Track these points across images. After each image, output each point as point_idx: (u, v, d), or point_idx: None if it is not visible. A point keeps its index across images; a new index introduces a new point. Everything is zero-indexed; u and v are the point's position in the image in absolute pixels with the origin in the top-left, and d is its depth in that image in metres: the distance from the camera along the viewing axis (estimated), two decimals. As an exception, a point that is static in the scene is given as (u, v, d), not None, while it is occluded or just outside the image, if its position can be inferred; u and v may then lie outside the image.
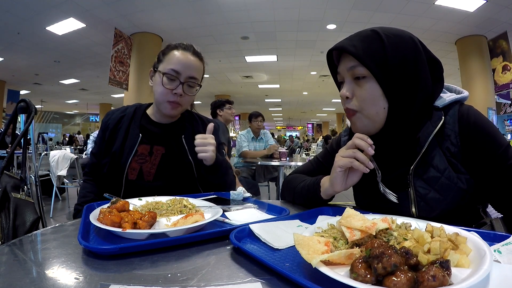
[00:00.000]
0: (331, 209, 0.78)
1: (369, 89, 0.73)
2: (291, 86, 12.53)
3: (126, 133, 1.13)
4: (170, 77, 1.06)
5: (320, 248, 0.45)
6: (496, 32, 6.30)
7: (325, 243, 0.46)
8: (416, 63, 0.72)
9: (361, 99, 0.74)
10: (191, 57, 1.09)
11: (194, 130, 1.20)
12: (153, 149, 1.13)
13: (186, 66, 1.07)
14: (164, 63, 1.09)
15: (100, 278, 0.44)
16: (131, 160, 1.09)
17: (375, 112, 0.74)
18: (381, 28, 0.74)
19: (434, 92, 0.76)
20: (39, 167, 1.76)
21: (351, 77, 0.75)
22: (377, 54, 0.70)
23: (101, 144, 1.16)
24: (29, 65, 8.96)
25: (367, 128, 0.76)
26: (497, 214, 0.75)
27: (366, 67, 0.71)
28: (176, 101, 1.08)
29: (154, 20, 6.15)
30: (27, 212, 0.91)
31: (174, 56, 1.08)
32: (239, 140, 3.97)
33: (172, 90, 1.06)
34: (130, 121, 1.16)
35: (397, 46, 0.71)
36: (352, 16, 5.83)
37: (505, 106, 11.78)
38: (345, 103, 0.77)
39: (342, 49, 0.74)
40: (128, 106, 1.23)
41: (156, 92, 1.09)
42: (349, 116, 0.79)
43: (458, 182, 0.71)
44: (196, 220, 0.64)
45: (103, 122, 1.19)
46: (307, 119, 27.67)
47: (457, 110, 0.74)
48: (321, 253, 0.44)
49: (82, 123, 23.66)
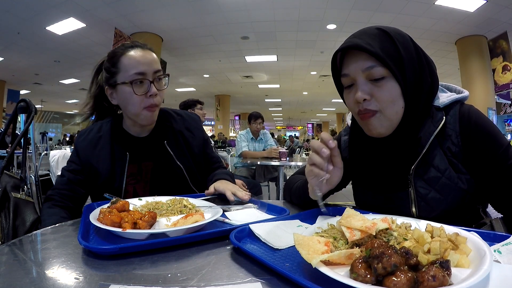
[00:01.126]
0: (331, 209, 0.78)
1: (389, 89, 0.69)
2: (291, 86, 12.53)
3: (112, 155, 1.03)
4: (137, 82, 0.96)
5: (320, 248, 0.45)
6: (496, 32, 6.30)
7: (325, 243, 0.46)
8: (419, 61, 0.72)
9: (382, 99, 0.70)
10: (144, 52, 0.99)
11: (174, 130, 1.13)
12: (141, 166, 1.07)
13: (147, 63, 0.97)
14: (121, 73, 0.97)
15: (100, 278, 0.44)
16: (126, 183, 1.02)
17: (394, 112, 0.71)
18: (384, 26, 0.72)
19: (433, 88, 0.75)
20: (39, 167, 1.76)
21: (366, 78, 0.70)
22: (392, 53, 0.68)
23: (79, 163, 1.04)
24: (29, 65, 8.96)
25: (385, 129, 0.73)
26: (497, 214, 0.75)
27: (385, 66, 0.68)
28: (153, 103, 0.98)
29: (154, 20, 6.15)
30: (27, 212, 0.91)
31: (130, 59, 0.96)
32: (238, 140, 3.96)
33: (146, 94, 0.96)
34: (111, 141, 1.05)
35: (404, 45, 0.70)
36: (352, 16, 5.83)
37: (505, 106, 11.77)
38: (363, 105, 0.71)
39: (357, 48, 0.69)
40: (102, 124, 1.10)
41: (129, 105, 0.98)
42: (366, 117, 0.72)
43: (459, 182, 0.71)
44: (196, 220, 0.64)
45: (77, 143, 1.07)
46: (307, 119, 27.67)
47: (458, 110, 0.74)
48: (321, 253, 0.44)
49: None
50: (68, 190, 1.00)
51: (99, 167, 1.02)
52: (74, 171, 1.03)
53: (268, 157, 3.72)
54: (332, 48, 7.68)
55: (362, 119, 0.74)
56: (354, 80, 0.72)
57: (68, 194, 0.99)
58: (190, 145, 1.14)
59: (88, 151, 1.04)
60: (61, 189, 1.00)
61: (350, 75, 0.72)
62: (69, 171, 1.04)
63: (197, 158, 1.15)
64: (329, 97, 15.11)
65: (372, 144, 0.80)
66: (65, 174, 1.04)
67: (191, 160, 1.13)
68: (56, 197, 0.97)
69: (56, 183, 1.03)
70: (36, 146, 1.52)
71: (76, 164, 1.04)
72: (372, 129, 0.74)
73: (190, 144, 1.14)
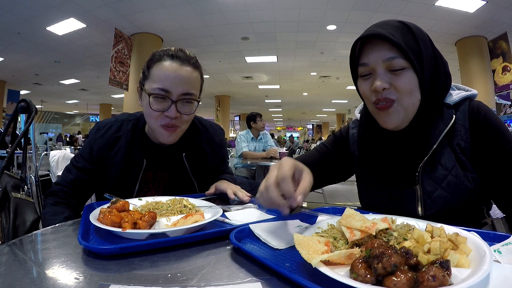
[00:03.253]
0: (331, 209, 0.78)
1: (408, 80, 0.69)
2: (291, 87, 12.54)
3: (128, 159, 0.97)
4: (158, 97, 0.88)
5: (320, 248, 0.45)
6: (496, 33, 6.31)
7: (325, 243, 0.46)
8: (435, 57, 0.73)
9: (401, 89, 0.70)
10: (182, 68, 0.89)
11: (197, 144, 1.06)
12: (156, 175, 1.02)
13: (176, 82, 0.88)
14: (150, 80, 0.90)
15: (100, 278, 0.44)
16: (137, 190, 0.97)
17: (411, 103, 0.71)
18: (403, 20, 0.73)
19: (446, 85, 0.76)
20: (39, 167, 1.76)
21: (386, 68, 0.70)
22: (413, 46, 0.69)
23: (90, 161, 0.98)
24: (29, 65, 8.96)
25: (401, 120, 0.73)
26: (500, 215, 0.75)
27: (407, 58, 0.68)
28: (172, 124, 0.90)
29: (154, 20, 6.15)
30: (27, 212, 0.91)
31: (161, 71, 0.88)
32: (238, 140, 3.97)
33: (163, 112, 0.89)
34: (129, 144, 0.98)
35: (423, 40, 0.71)
36: (352, 17, 5.84)
37: (505, 107, 11.78)
38: (383, 94, 0.71)
39: (381, 37, 0.68)
40: (122, 122, 1.02)
41: (146, 116, 0.93)
42: (384, 108, 0.72)
43: (465, 181, 0.72)
44: (196, 220, 0.64)
45: (93, 136, 1.00)
46: (307, 120, 27.68)
47: (468, 106, 0.75)
48: (321, 253, 0.44)
49: (82, 123, 23.69)
50: (72, 189, 0.96)
51: (112, 170, 0.96)
52: (82, 169, 0.97)
53: (268, 158, 3.72)
54: (332, 49, 7.69)
55: (380, 110, 0.73)
56: (373, 70, 0.72)
57: (71, 193, 0.96)
58: (208, 161, 1.10)
59: (103, 150, 0.97)
60: (66, 186, 0.96)
61: (370, 65, 0.72)
62: (77, 168, 0.98)
63: (211, 174, 1.12)
64: (329, 98, 15.11)
65: (383, 138, 0.80)
66: (72, 171, 0.98)
67: (205, 176, 1.09)
68: (60, 193, 0.94)
69: (62, 179, 0.98)
70: (36, 146, 1.52)
71: (86, 161, 0.98)
72: (388, 121, 0.73)
73: (207, 160, 1.09)
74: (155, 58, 0.92)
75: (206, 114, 19.22)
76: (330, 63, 8.98)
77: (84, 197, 1.01)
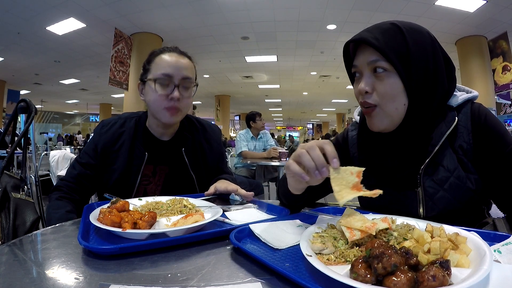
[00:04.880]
0: (331, 209, 0.78)
1: (390, 84, 0.70)
2: (291, 87, 12.53)
3: (131, 152, 1.04)
4: (162, 82, 0.99)
5: (352, 180, 0.46)
6: (496, 32, 6.31)
7: (357, 174, 0.48)
8: (435, 59, 0.71)
9: (382, 94, 0.71)
10: (180, 57, 1.03)
11: (195, 139, 1.14)
12: (156, 168, 1.08)
13: (177, 67, 1.00)
14: (152, 71, 1.02)
15: (100, 278, 0.44)
16: (138, 183, 1.03)
17: (394, 108, 0.71)
18: (400, 22, 0.72)
19: (449, 90, 0.75)
20: (39, 167, 1.76)
21: (371, 71, 0.72)
22: (399, 49, 0.69)
23: (94, 156, 1.04)
24: (29, 65, 8.96)
25: (385, 125, 0.74)
26: (499, 215, 0.75)
27: (388, 61, 0.68)
28: (175, 106, 1.00)
29: (154, 20, 6.15)
30: (27, 212, 0.91)
31: (162, 60, 1.01)
32: (238, 139, 3.97)
33: (167, 96, 0.99)
34: (132, 139, 1.06)
35: (418, 42, 0.70)
36: (352, 16, 5.83)
37: (505, 107, 11.78)
38: (364, 97, 0.73)
39: (364, 41, 0.71)
40: (126, 119, 1.11)
41: (151, 102, 1.02)
42: (367, 112, 0.74)
43: (467, 182, 0.71)
44: (196, 220, 0.64)
45: (97, 133, 1.07)
46: (307, 119, 27.68)
47: (470, 108, 0.75)
48: (352, 185, 0.45)
49: (82, 123, 23.68)
50: (76, 184, 1.02)
51: (116, 162, 1.03)
52: (85, 165, 1.04)
53: (268, 157, 3.72)
54: (332, 48, 7.68)
55: (365, 113, 0.76)
56: (361, 72, 0.75)
57: (75, 187, 1.01)
58: (206, 157, 1.15)
59: (108, 144, 1.04)
60: (70, 181, 1.02)
61: (358, 67, 0.75)
62: (81, 164, 1.04)
63: (210, 171, 1.16)
64: (329, 98, 15.10)
65: (380, 140, 0.80)
66: (76, 166, 1.05)
67: (204, 171, 1.13)
68: (64, 188, 1.00)
69: (67, 174, 1.05)
70: (36, 146, 1.52)
71: (90, 157, 1.05)
72: (371, 124, 0.76)
73: (206, 156, 1.15)
74: (154, 53, 1.05)
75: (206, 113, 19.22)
76: (330, 62, 8.97)
77: (87, 192, 1.06)
